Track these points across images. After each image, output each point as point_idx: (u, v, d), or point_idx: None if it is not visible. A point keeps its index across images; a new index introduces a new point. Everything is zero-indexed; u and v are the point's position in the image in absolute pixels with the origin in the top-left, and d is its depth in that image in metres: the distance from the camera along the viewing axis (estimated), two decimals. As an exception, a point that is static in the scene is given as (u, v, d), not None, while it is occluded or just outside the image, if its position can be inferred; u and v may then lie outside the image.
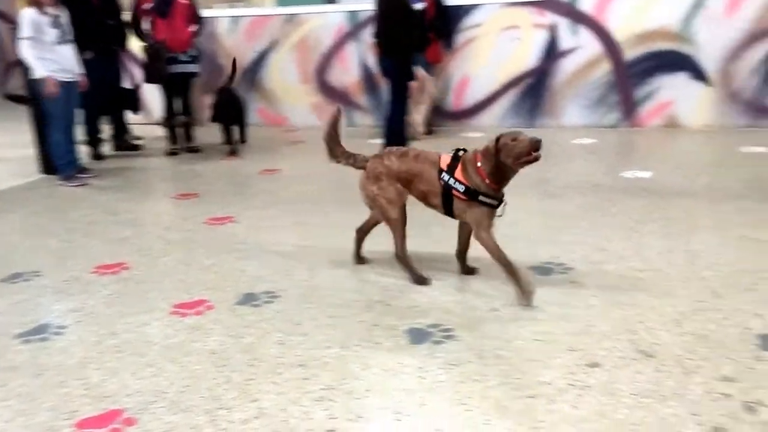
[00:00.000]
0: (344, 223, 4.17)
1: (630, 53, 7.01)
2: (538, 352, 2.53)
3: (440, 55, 7.28)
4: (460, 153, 3.13)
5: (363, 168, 3.33)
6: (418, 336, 2.69)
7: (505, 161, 2.97)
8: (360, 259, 3.56)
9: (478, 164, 3.03)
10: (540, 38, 7.24)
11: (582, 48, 7.12)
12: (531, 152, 2.89)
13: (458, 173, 3.07)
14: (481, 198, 3.02)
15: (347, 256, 3.59)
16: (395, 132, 5.47)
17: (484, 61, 7.46)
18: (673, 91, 6.96)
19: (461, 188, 3.05)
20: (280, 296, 3.13)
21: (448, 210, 3.16)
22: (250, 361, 2.53)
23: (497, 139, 2.98)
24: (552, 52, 7.24)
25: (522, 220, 4.14)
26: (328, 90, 8.15)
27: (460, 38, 7.46)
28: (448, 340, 2.65)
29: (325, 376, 2.42)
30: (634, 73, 7.04)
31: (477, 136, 7.12)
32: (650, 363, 2.41)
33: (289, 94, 8.28)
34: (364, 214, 3.50)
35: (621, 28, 6.97)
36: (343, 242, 3.81)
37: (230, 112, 6.58)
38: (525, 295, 2.96)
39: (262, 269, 3.48)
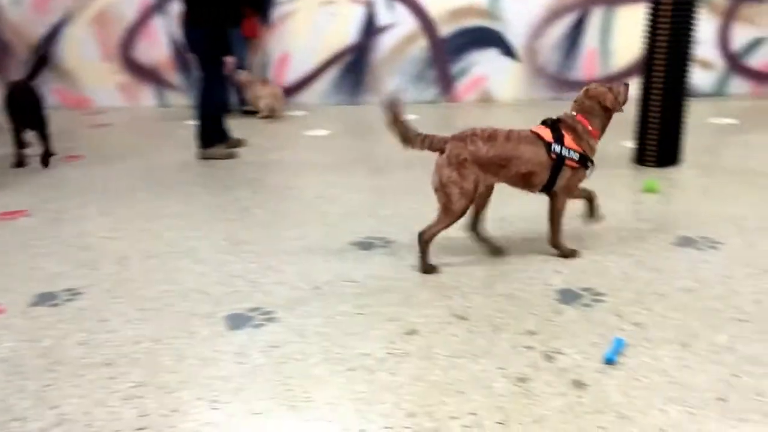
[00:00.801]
0: (155, 212, 3.96)
1: (444, 29, 7.24)
2: (359, 326, 2.53)
3: (257, 29, 7.09)
4: (557, 123, 3.02)
5: (441, 150, 2.96)
6: (237, 321, 2.60)
7: (615, 112, 3.04)
8: (496, 250, 3.17)
9: (590, 127, 2.99)
10: (357, 14, 7.27)
11: (399, 24, 7.25)
12: (627, 98, 3.08)
13: (570, 142, 2.95)
14: (588, 163, 3.00)
15: (159, 246, 3.40)
16: (210, 113, 5.20)
17: (303, 37, 7.37)
18: (485, 67, 7.29)
19: (576, 156, 2.95)
20: (84, 293, 2.88)
21: (551, 183, 2.99)
22: (48, 366, 2.31)
23: (611, 90, 3.00)
24: (370, 29, 7.31)
25: (344, 197, 4.16)
26: (135, 68, 7.65)
27: (277, 13, 7.31)
28: (269, 322, 2.59)
29: (134, 373, 2.26)
30: (449, 49, 7.29)
31: (300, 114, 7.05)
32: (464, 325, 2.49)
33: (90, 73, 7.61)
34: (176, 200, 3.31)
35: (434, 5, 7.17)
36: (154, 231, 3.61)
37: (25, 113, 5.11)
38: (570, 251, 3.08)
39: (62, 265, 3.19)
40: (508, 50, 7.21)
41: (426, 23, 7.23)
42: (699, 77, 6.80)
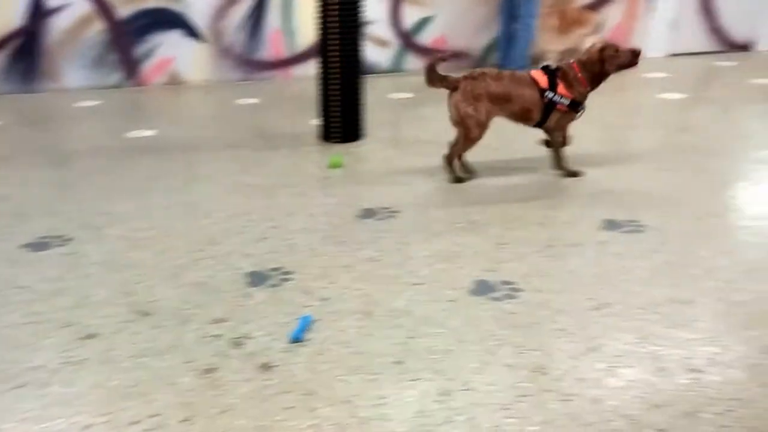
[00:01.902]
0: None
1: (123, 11, 6.78)
2: (29, 336, 2.27)
3: None
4: (555, 72, 3.56)
5: (455, 88, 3.57)
6: None
7: (607, 69, 3.51)
8: (468, 170, 3.82)
9: (579, 74, 3.52)
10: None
11: (71, 6, 6.62)
12: (635, 60, 3.52)
13: (562, 89, 3.52)
14: (578, 108, 3.56)
15: None
16: None
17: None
18: (171, 49, 6.98)
19: (566, 102, 3.52)
20: None
21: (542, 122, 3.61)
22: None
23: (601, 51, 3.50)
24: (38, 11, 6.57)
25: (16, 194, 3.72)
26: None
27: None
28: None
29: None
30: (130, 31, 6.85)
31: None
32: (148, 321, 2.35)
33: None
34: None
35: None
36: None
37: None
38: (574, 172, 3.75)
39: None
40: (192, 32, 7.00)
41: (101, 4, 6.71)
42: (377, 55, 7.30)
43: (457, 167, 3.77)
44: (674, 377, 2.01)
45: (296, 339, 2.22)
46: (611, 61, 3.55)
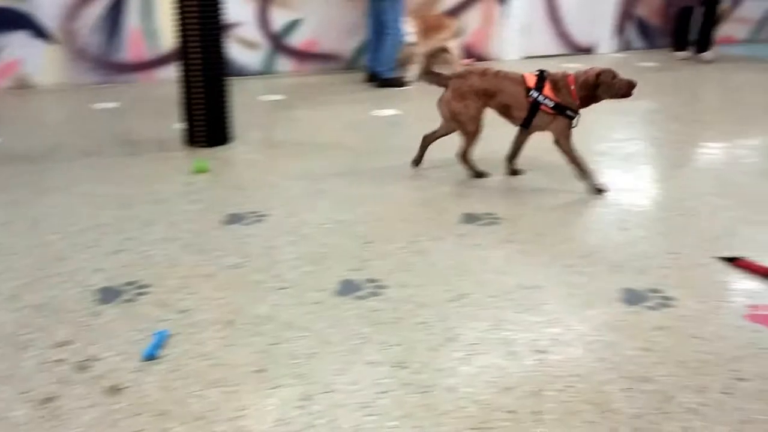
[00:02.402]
0: None
1: (-40, 11, 6.29)
2: None
3: None
4: (544, 73, 3.55)
5: (445, 86, 3.70)
6: None
7: (599, 95, 3.49)
8: (418, 162, 4.00)
9: (572, 87, 3.50)
10: None
11: None
12: (629, 92, 3.50)
13: (548, 91, 3.50)
14: (567, 112, 3.50)
15: None
16: None
17: None
18: (18, 51, 6.54)
19: (551, 104, 3.49)
20: None
21: (527, 122, 3.59)
22: None
23: (597, 76, 3.46)
24: None
25: None
26: None
27: None
28: None
29: None
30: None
31: None
32: (-19, 351, 2.16)
33: None
34: None
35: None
36: None
37: None
38: (596, 188, 3.57)
39: None
40: (41, 32, 6.57)
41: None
42: (247, 57, 7.18)
43: (472, 164, 3.82)
44: (522, 359, 2.09)
45: (150, 356, 2.11)
46: (605, 87, 3.50)
